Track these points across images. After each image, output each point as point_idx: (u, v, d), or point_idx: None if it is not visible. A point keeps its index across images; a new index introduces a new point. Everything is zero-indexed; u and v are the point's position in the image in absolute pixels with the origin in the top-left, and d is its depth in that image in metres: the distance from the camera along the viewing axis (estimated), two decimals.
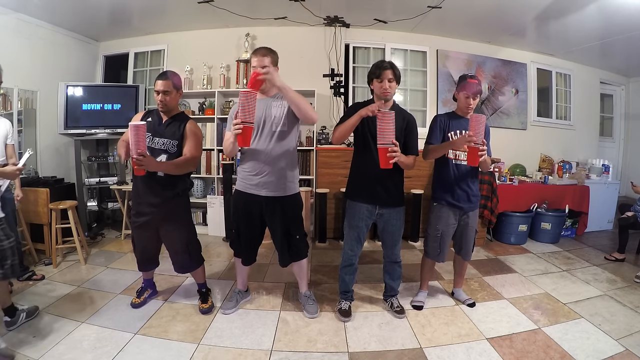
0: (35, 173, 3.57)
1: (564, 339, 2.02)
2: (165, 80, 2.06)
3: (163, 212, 2.13)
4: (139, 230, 2.20)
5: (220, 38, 4.25)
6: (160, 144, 2.08)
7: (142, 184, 2.11)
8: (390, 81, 2.00)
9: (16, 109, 3.45)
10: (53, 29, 3.86)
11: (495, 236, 3.98)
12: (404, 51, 4.50)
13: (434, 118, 2.23)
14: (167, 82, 2.07)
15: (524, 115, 4.79)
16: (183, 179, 2.20)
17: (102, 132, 3.90)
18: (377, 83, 2.02)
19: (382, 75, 1.99)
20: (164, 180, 2.09)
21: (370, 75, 2.08)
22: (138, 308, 2.30)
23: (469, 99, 2.11)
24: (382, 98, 2.03)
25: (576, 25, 3.68)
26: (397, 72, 2.02)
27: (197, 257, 2.31)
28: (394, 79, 2.00)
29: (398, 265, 2.27)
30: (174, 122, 2.13)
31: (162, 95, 2.07)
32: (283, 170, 2.06)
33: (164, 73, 2.12)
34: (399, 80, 2.05)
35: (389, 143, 1.81)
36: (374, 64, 2.08)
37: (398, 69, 2.04)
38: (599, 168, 4.46)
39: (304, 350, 1.91)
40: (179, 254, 2.23)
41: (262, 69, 1.82)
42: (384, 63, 2.03)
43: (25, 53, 3.56)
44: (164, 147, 2.08)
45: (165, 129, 2.10)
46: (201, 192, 4.19)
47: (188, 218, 2.30)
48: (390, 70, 1.99)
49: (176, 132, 2.10)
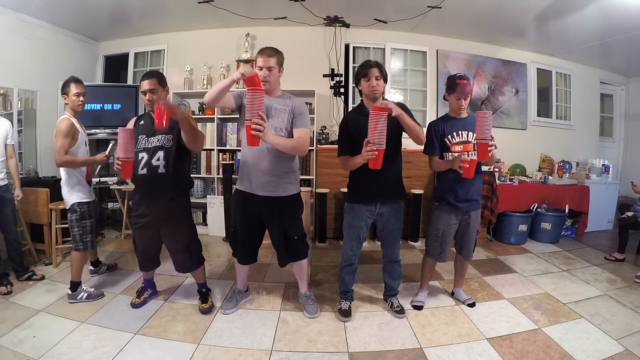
0: (35, 173, 3.58)
1: (564, 339, 2.02)
2: (149, 79, 2.07)
3: (164, 212, 2.13)
4: (140, 231, 2.20)
5: (220, 38, 4.26)
6: (156, 141, 2.09)
7: (144, 184, 2.11)
8: (378, 79, 2.00)
9: (16, 109, 3.46)
10: (53, 29, 3.87)
11: (495, 236, 3.98)
12: (404, 51, 4.50)
13: (428, 126, 2.23)
14: (152, 80, 2.07)
15: (524, 115, 4.79)
16: (184, 177, 2.22)
17: (102, 132, 3.90)
18: (364, 82, 2.03)
19: (369, 73, 2.00)
20: (166, 179, 2.09)
21: (357, 76, 2.09)
22: (138, 308, 2.30)
23: (461, 100, 2.12)
24: (371, 97, 2.02)
25: (576, 25, 3.68)
26: (383, 71, 2.02)
27: (198, 257, 2.31)
28: (381, 77, 2.00)
29: (398, 265, 2.27)
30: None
31: (150, 95, 2.07)
32: (282, 170, 2.05)
33: (147, 73, 2.14)
34: (386, 79, 2.06)
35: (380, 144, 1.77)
36: (359, 65, 2.10)
37: (385, 68, 2.05)
38: (599, 168, 4.46)
39: (304, 350, 1.91)
40: (180, 254, 2.23)
41: (256, 125, 1.70)
42: (369, 62, 2.04)
43: (25, 53, 3.56)
44: (160, 142, 2.09)
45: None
46: (201, 192, 4.19)
47: (189, 218, 2.30)
48: (377, 68, 2.00)
49: (169, 126, 2.08)
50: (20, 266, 2.70)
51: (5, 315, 2.17)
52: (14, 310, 2.23)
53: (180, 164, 2.16)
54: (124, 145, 1.84)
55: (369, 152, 1.76)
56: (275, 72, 2.00)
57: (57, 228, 2.99)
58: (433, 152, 2.18)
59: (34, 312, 2.21)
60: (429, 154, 2.20)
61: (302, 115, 2.04)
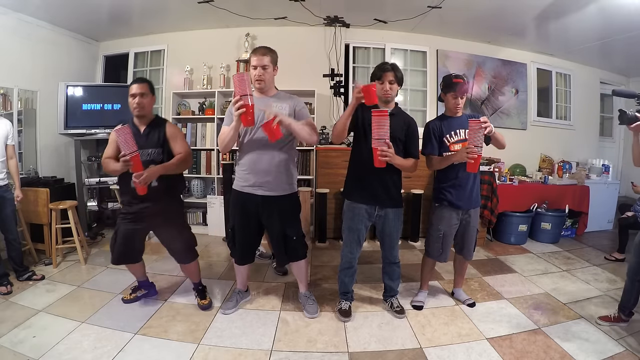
0: (35, 173, 3.57)
1: (564, 339, 2.02)
2: (141, 83, 2.08)
3: (157, 210, 2.11)
4: (128, 223, 2.14)
5: (220, 38, 4.25)
6: (146, 155, 2.04)
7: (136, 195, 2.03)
8: (391, 83, 2.01)
9: (16, 109, 3.45)
10: (53, 29, 3.86)
11: (495, 236, 3.98)
12: (404, 51, 4.50)
13: (426, 126, 2.24)
14: (144, 84, 2.08)
15: (524, 115, 4.79)
16: (176, 187, 2.23)
17: (102, 132, 3.89)
18: (378, 85, 2.03)
19: (383, 77, 2.01)
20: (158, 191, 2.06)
21: (372, 78, 2.10)
22: (128, 304, 2.31)
23: (457, 99, 2.12)
24: (383, 100, 2.04)
25: (576, 25, 3.68)
26: (398, 75, 2.03)
27: (192, 248, 2.31)
28: (394, 80, 2.02)
29: (397, 266, 2.27)
30: (152, 130, 2.11)
31: (139, 98, 2.05)
32: (281, 170, 2.05)
33: (138, 78, 2.15)
34: (401, 82, 2.07)
35: (381, 142, 1.82)
36: (376, 66, 2.10)
37: (400, 72, 2.06)
38: (599, 168, 4.46)
39: (304, 350, 1.91)
40: (177, 241, 2.24)
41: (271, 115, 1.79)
42: (386, 65, 2.05)
43: (25, 53, 3.56)
44: (150, 157, 2.06)
45: (147, 140, 2.08)
46: (201, 192, 4.19)
47: (180, 213, 2.33)
48: (392, 72, 2.01)
49: (158, 140, 2.09)
50: (20, 266, 2.70)
51: (5, 315, 2.17)
52: (14, 310, 2.23)
53: (171, 176, 2.13)
54: (124, 142, 1.86)
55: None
56: (269, 70, 2.01)
57: (57, 228, 2.99)
58: (432, 151, 2.18)
59: (34, 312, 2.21)
60: (429, 154, 2.20)
61: (303, 109, 2.08)
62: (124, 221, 2.17)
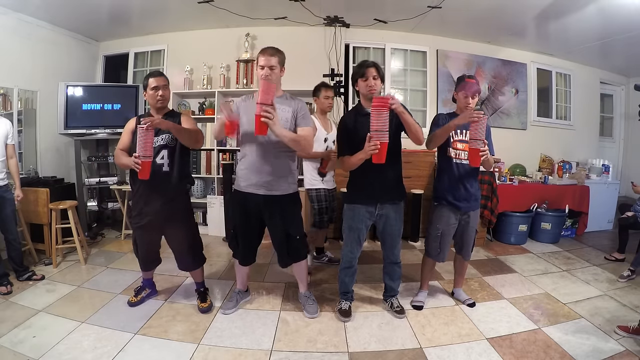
0: (35, 173, 3.57)
1: (564, 339, 2.02)
2: (159, 76, 2.13)
3: (166, 211, 2.13)
4: (141, 230, 2.20)
5: (220, 38, 4.25)
6: (160, 139, 2.10)
7: (144, 185, 2.09)
8: (375, 78, 2.01)
9: (16, 109, 3.45)
10: (53, 29, 3.86)
11: (495, 236, 3.98)
12: (404, 51, 4.50)
13: (436, 116, 2.24)
14: (162, 77, 2.14)
15: (524, 115, 4.79)
16: (187, 174, 2.24)
17: (102, 132, 3.90)
18: (362, 82, 2.03)
19: (367, 73, 2.01)
20: (169, 177, 2.10)
21: (354, 77, 2.10)
22: (135, 307, 2.31)
23: (468, 98, 2.11)
24: (368, 97, 2.02)
25: (576, 25, 3.68)
26: (380, 71, 2.04)
27: (200, 257, 2.35)
28: (378, 76, 2.02)
29: (398, 266, 2.27)
30: (168, 117, 2.16)
31: (162, 90, 2.11)
32: (282, 169, 2.06)
33: (155, 71, 2.18)
34: (384, 78, 2.08)
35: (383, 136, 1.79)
36: (356, 65, 2.11)
37: (382, 68, 2.06)
38: (599, 168, 4.46)
39: (304, 350, 1.91)
40: (184, 254, 2.26)
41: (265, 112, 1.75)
42: (366, 62, 2.06)
43: (25, 53, 3.56)
44: (164, 141, 2.11)
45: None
46: (201, 192, 4.19)
47: (190, 217, 2.32)
48: (374, 67, 2.02)
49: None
50: (20, 266, 2.70)
51: (5, 315, 2.17)
52: (14, 310, 2.23)
53: (183, 161, 2.19)
54: (144, 144, 1.87)
55: (372, 146, 1.77)
56: (276, 71, 2.00)
57: (57, 228, 2.99)
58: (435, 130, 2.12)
59: (34, 312, 2.21)
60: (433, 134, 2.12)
61: (305, 115, 2.06)
62: (135, 226, 2.23)
